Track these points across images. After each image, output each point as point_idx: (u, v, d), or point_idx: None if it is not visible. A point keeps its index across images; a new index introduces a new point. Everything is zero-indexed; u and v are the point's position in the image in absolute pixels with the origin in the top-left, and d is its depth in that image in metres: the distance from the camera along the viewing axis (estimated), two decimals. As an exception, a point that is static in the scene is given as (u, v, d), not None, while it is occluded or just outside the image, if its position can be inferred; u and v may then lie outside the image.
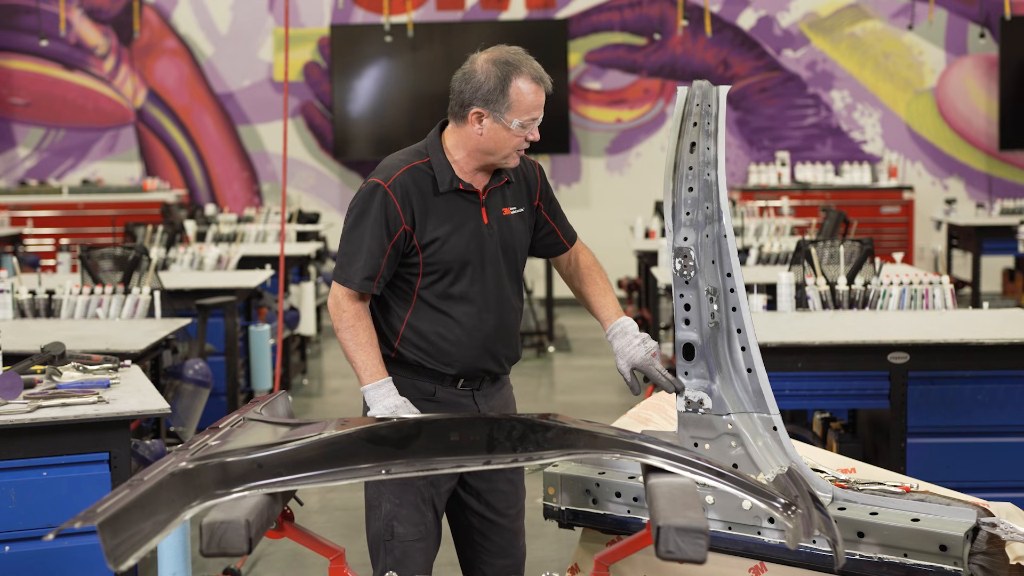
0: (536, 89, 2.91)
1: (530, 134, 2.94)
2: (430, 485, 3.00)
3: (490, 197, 3.03)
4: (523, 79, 2.90)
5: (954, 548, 2.44)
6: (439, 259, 2.95)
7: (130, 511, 1.96)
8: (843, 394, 4.39)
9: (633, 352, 2.95)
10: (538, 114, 2.93)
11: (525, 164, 3.13)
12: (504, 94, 2.89)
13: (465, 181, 2.99)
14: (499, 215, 3.03)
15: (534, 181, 3.13)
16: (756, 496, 2.31)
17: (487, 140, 2.94)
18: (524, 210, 3.10)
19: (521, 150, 2.98)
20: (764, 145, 12.31)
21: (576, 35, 12.24)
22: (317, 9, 12.30)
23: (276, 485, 2.27)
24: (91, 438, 3.28)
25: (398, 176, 2.94)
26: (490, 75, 2.90)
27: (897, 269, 6.21)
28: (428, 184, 2.96)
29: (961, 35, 12.19)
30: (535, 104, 2.91)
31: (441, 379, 3.02)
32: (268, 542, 4.79)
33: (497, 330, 3.03)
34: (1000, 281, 11.68)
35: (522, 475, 3.17)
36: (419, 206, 2.94)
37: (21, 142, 12.50)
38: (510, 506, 3.13)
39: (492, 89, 2.90)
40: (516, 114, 2.90)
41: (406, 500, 2.98)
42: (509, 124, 2.90)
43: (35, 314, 5.17)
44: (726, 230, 2.65)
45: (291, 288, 8.79)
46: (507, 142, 2.93)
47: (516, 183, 3.08)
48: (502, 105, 2.90)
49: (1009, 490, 4.00)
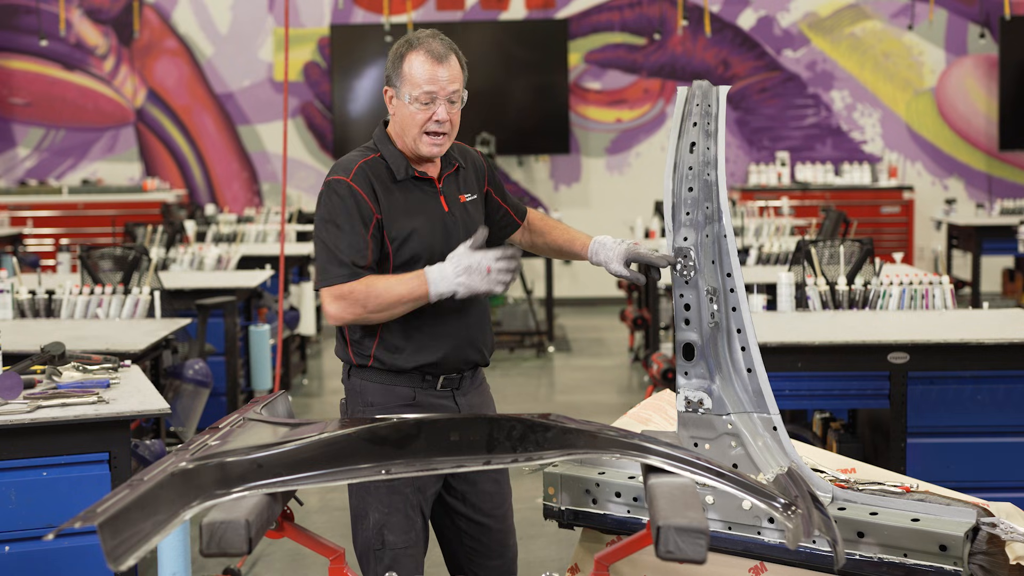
0: (429, 63, 2.89)
1: (436, 113, 2.89)
2: (417, 491, 2.96)
3: (446, 185, 3.03)
4: (416, 52, 2.90)
5: (954, 548, 2.44)
6: (408, 250, 2.92)
7: (130, 511, 1.96)
8: (843, 394, 4.39)
9: (618, 250, 2.97)
10: (432, 88, 2.89)
11: (469, 152, 3.14)
12: (399, 68, 2.91)
13: (419, 169, 2.98)
14: (457, 202, 3.03)
15: (481, 168, 3.15)
16: (756, 496, 2.31)
17: (398, 120, 2.95)
18: (477, 196, 3.11)
19: (432, 134, 2.92)
20: (764, 145, 12.32)
21: (576, 35, 12.24)
22: (317, 9, 12.30)
23: (276, 485, 2.26)
24: (91, 438, 3.28)
25: (357, 170, 2.93)
26: (394, 53, 2.95)
27: (897, 269, 6.21)
28: (385, 175, 2.95)
29: (961, 35, 12.19)
30: (426, 77, 2.88)
31: (421, 381, 2.97)
32: (268, 542, 4.79)
33: (473, 318, 3.01)
34: (1000, 281, 11.68)
35: (507, 474, 3.14)
36: (383, 197, 2.92)
37: (21, 142, 12.50)
38: (496, 506, 3.09)
39: (392, 64, 2.94)
40: (407, 87, 2.89)
41: (395, 508, 2.93)
42: (404, 99, 2.90)
43: (35, 314, 5.17)
44: (726, 230, 2.65)
45: (291, 288, 8.79)
46: (410, 120, 2.91)
47: (466, 170, 3.09)
48: (399, 79, 2.92)
49: (1009, 490, 4.00)
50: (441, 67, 2.90)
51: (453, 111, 2.95)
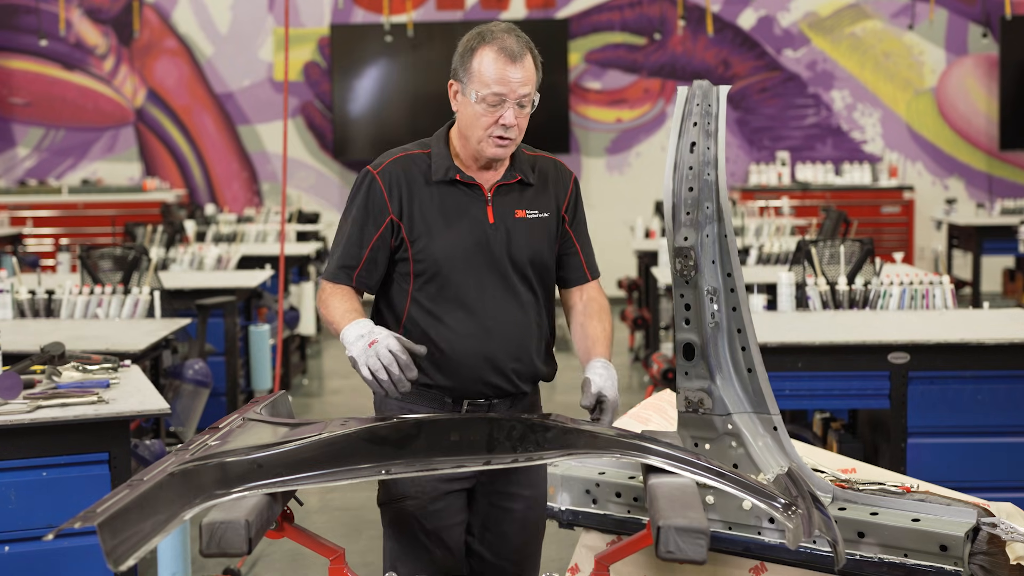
0: (501, 61, 2.64)
1: (502, 117, 2.65)
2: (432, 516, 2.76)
3: (501, 195, 2.76)
4: (488, 48, 2.65)
5: (954, 548, 2.44)
6: (429, 255, 2.71)
7: (129, 511, 1.96)
8: (843, 394, 4.38)
9: (593, 381, 2.75)
10: (502, 90, 2.63)
11: (558, 170, 2.87)
12: (468, 63, 2.67)
13: (466, 174, 2.75)
14: (510, 216, 2.75)
15: (564, 189, 2.85)
16: (756, 496, 2.31)
17: (462, 118, 2.72)
18: (549, 215, 2.81)
19: (498, 137, 2.67)
20: (764, 145, 12.31)
21: (576, 35, 12.24)
22: (317, 9, 12.29)
23: (276, 485, 2.26)
24: (91, 438, 3.28)
25: (389, 163, 2.75)
26: (463, 44, 2.71)
27: (897, 269, 6.21)
28: (421, 173, 2.75)
29: (961, 35, 12.19)
30: (496, 77, 2.63)
31: (440, 404, 2.75)
32: (268, 542, 4.78)
33: (501, 343, 2.73)
34: (1000, 281, 11.68)
35: (537, 522, 2.90)
36: (408, 195, 2.73)
37: (21, 142, 12.50)
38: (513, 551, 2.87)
39: (460, 57, 2.70)
40: (475, 85, 2.65)
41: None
42: (470, 97, 2.66)
43: (35, 314, 5.17)
44: (726, 230, 2.65)
45: (291, 288, 8.79)
46: (475, 121, 2.67)
47: (540, 186, 2.81)
48: (466, 75, 2.67)
49: (1009, 490, 3.99)
50: (514, 67, 2.65)
51: (522, 116, 2.69)
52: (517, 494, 2.82)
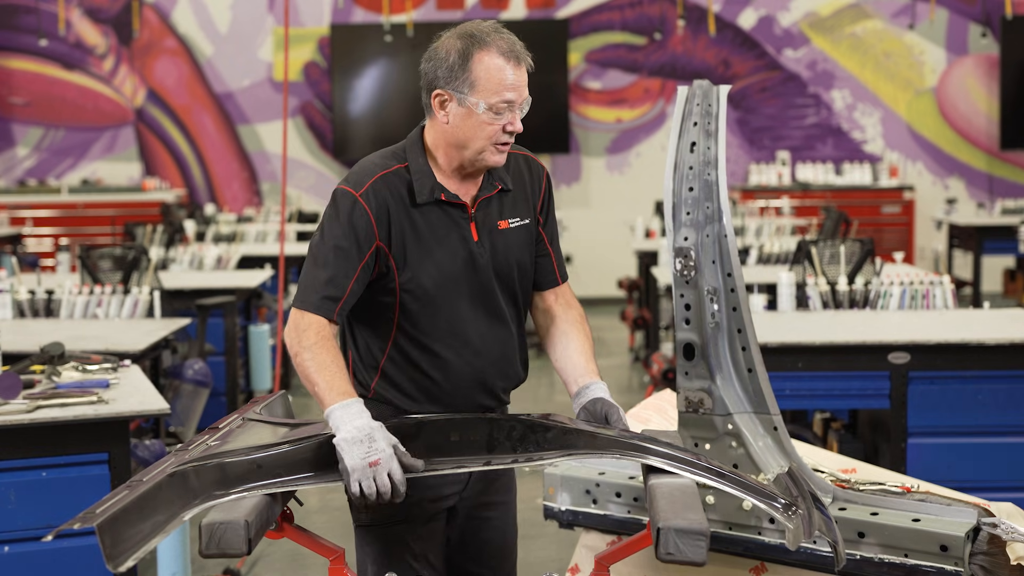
0: (507, 65, 2.46)
1: (508, 123, 2.48)
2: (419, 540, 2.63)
3: (481, 209, 2.58)
4: (489, 52, 2.47)
5: (955, 548, 2.44)
6: (418, 284, 2.51)
7: (129, 512, 1.96)
8: (843, 394, 4.38)
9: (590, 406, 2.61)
10: (512, 96, 2.46)
11: (530, 166, 2.69)
12: (466, 70, 2.46)
13: (449, 191, 2.54)
14: (492, 229, 2.58)
15: (538, 189, 2.68)
16: (756, 496, 2.30)
17: (455, 130, 2.49)
18: (529, 221, 2.65)
19: (501, 144, 2.50)
20: (764, 145, 12.31)
21: (576, 35, 12.24)
22: (317, 9, 12.29)
23: (276, 486, 2.26)
24: (90, 438, 3.28)
25: (372, 184, 2.51)
26: (451, 50, 2.50)
27: (898, 269, 6.21)
28: (406, 193, 2.52)
29: (962, 35, 12.18)
30: (505, 83, 2.45)
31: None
32: (268, 542, 4.78)
33: (491, 363, 2.60)
34: (1001, 281, 11.67)
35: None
36: (396, 220, 2.50)
37: (20, 142, 12.50)
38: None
39: (453, 65, 2.48)
40: (482, 94, 2.45)
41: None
42: (475, 107, 2.46)
43: (34, 314, 5.16)
44: (726, 230, 2.65)
45: (291, 288, 8.78)
46: (477, 131, 2.47)
47: (516, 190, 2.64)
48: (465, 84, 2.46)
49: (1009, 490, 3.99)
50: (519, 68, 2.49)
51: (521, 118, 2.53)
52: (493, 502, 2.73)
